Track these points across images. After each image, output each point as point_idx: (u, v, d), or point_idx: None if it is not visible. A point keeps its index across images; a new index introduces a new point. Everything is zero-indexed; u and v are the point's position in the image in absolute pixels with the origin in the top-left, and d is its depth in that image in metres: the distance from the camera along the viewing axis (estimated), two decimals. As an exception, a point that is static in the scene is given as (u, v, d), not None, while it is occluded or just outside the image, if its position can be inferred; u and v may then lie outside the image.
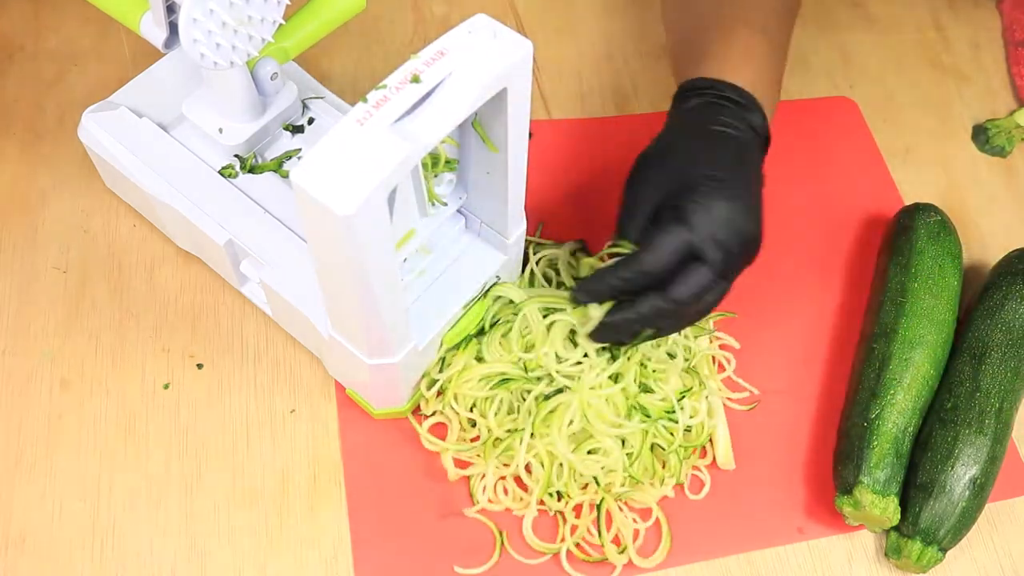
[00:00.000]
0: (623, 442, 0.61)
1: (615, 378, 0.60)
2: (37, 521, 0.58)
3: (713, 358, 0.67)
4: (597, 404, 0.59)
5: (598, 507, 0.60)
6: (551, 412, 0.59)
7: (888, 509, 0.59)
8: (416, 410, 0.63)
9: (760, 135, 0.60)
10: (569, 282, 0.66)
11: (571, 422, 0.59)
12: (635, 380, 0.60)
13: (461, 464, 0.62)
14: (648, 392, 0.61)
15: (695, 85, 0.61)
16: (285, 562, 0.59)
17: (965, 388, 0.64)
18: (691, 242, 0.54)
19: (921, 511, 0.60)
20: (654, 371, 0.61)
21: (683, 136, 0.59)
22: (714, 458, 0.64)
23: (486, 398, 0.60)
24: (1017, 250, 0.71)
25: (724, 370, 0.68)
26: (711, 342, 0.67)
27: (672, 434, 0.61)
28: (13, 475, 0.59)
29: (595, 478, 0.60)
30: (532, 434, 0.59)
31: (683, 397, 0.62)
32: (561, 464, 0.60)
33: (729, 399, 0.66)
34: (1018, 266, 0.69)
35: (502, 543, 0.60)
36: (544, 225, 0.71)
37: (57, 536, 0.58)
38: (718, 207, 0.54)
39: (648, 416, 0.60)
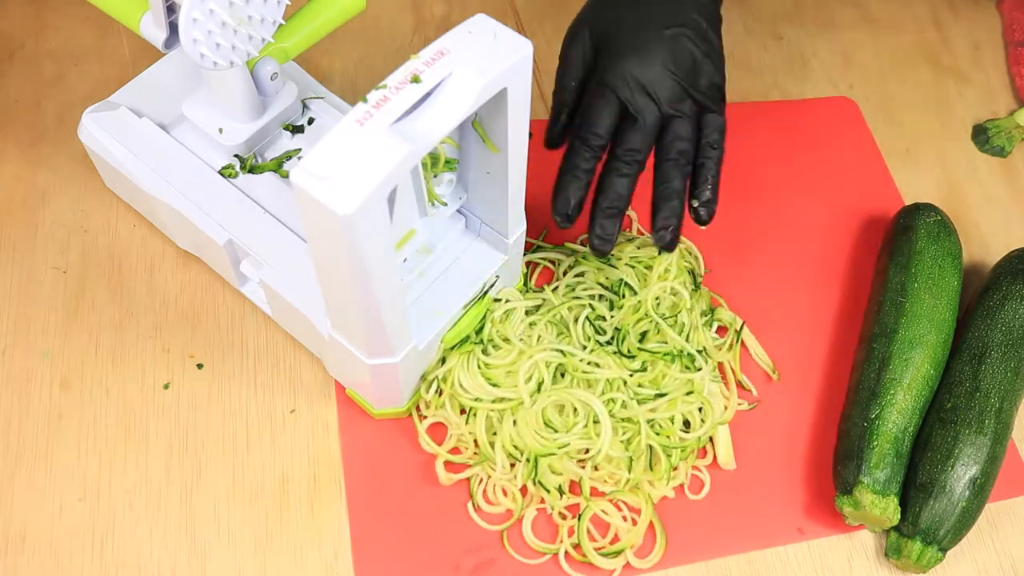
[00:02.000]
0: (627, 447, 0.61)
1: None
2: (37, 521, 0.58)
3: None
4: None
5: (579, 516, 0.60)
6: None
7: (888, 509, 0.59)
8: (418, 409, 0.63)
9: None
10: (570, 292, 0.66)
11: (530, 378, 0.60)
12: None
13: (453, 469, 0.62)
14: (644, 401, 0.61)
15: None
16: (285, 562, 0.59)
17: (965, 388, 0.64)
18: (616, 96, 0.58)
19: (921, 511, 0.60)
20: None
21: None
22: (714, 458, 0.64)
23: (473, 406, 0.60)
24: (1017, 250, 0.71)
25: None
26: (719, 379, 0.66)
27: (668, 437, 0.61)
28: (13, 475, 0.59)
29: (580, 479, 0.60)
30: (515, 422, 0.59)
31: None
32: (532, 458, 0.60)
33: (729, 399, 0.66)
34: (1018, 266, 0.69)
35: (502, 543, 0.60)
36: (544, 226, 0.71)
37: (57, 536, 0.58)
38: (626, 61, 0.58)
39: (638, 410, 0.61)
